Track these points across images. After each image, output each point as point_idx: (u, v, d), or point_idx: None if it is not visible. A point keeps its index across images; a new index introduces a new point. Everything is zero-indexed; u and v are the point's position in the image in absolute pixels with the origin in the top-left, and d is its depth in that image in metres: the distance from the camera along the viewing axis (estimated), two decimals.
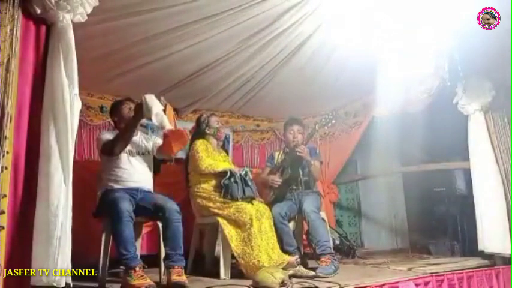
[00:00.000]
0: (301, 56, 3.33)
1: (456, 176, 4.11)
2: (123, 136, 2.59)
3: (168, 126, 2.55)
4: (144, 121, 2.71)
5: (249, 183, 2.96)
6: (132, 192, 2.65)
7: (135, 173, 2.74)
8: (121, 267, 2.49)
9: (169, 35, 2.86)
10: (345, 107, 4.59)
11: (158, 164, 2.93)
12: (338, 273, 2.88)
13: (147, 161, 2.83)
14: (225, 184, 2.93)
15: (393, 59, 3.09)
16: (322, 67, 3.50)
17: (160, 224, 2.66)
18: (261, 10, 2.70)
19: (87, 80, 2.22)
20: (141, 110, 2.47)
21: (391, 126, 4.08)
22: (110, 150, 2.59)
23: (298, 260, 2.89)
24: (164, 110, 2.63)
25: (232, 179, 2.92)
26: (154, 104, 2.46)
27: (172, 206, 2.60)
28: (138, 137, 2.85)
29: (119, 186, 2.66)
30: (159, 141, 2.92)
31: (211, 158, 3.05)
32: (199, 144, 3.09)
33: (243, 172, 3.08)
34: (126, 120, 2.69)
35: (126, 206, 2.43)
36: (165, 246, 2.57)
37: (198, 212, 3.10)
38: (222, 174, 2.97)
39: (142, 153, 2.82)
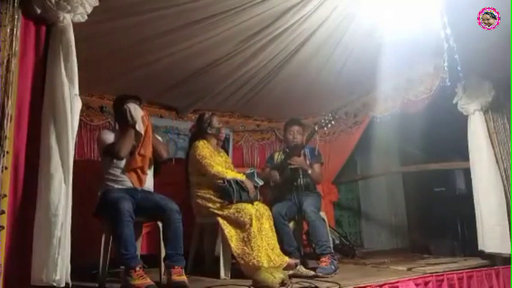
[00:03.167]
0: (301, 56, 3.33)
1: (456, 176, 4.10)
2: (123, 142, 2.64)
3: (140, 129, 2.69)
4: None
5: (247, 187, 2.95)
6: (132, 192, 2.65)
7: None
8: (121, 267, 2.49)
9: (170, 35, 2.86)
10: (345, 107, 4.59)
11: (158, 164, 2.93)
12: (338, 273, 2.88)
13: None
14: (222, 187, 2.93)
15: (393, 56, 3.10)
16: (323, 66, 3.50)
17: (160, 224, 2.66)
18: (262, 10, 2.69)
19: (87, 80, 2.22)
20: (127, 118, 2.66)
21: (391, 126, 4.09)
22: (116, 155, 2.63)
23: (298, 262, 2.89)
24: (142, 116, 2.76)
25: (228, 184, 2.92)
26: (137, 113, 2.68)
27: (172, 206, 2.61)
28: None
29: (119, 186, 2.67)
30: (159, 140, 2.94)
31: (213, 160, 3.05)
32: (202, 147, 3.08)
33: (250, 172, 3.10)
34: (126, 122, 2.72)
35: (126, 206, 2.44)
36: (165, 246, 2.58)
37: (198, 212, 3.10)
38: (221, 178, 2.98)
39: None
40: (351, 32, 2.98)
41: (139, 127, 2.66)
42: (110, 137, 2.72)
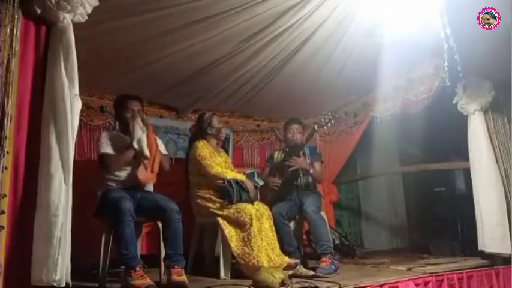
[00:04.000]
0: (301, 56, 3.33)
1: (456, 176, 4.10)
2: (117, 160, 2.67)
3: (147, 154, 2.66)
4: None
5: (247, 187, 2.95)
6: (132, 192, 2.65)
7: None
8: (121, 267, 2.49)
9: (169, 35, 2.86)
10: (345, 106, 4.59)
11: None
12: (338, 273, 2.89)
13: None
14: (222, 187, 2.93)
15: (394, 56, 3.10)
16: (323, 66, 3.50)
17: (160, 224, 2.66)
18: (262, 10, 2.69)
19: (87, 80, 2.22)
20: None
21: (391, 126, 4.09)
22: (106, 169, 2.67)
23: (298, 262, 2.89)
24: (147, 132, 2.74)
25: (228, 184, 2.91)
26: (137, 130, 2.66)
27: (172, 206, 2.61)
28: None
29: (119, 186, 2.66)
30: (159, 142, 2.94)
31: (213, 160, 3.05)
32: (202, 147, 3.07)
33: (250, 171, 3.10)
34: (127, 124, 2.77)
35: (128, 206, 2.44)
36: (165, 246, 2.58)
37: (198, 212, 3.10)
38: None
39: None
40: (351, 31, 2.98)
41: (140, 147, 2.64)
42: (105, 143, 2.71)
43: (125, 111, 2.81)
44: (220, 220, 2.90)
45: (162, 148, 2.96)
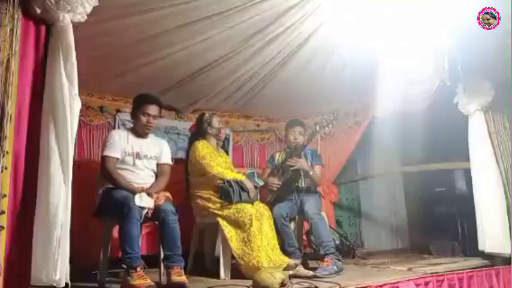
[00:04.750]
0: (301, 56, 3.32)
1: (456, 176, 4.11)
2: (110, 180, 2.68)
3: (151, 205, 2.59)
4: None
5: (247, 187, 2.95)
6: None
7: (138, 174, 2.75)
8: (123, 265, 2.48)
9: (169, 35, 2.86)
10: (345, 106, 4.58)
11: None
12: (340, 274, 2.88)
13: (151, 165, 2.83)
14: (222, 188, 2.93)
15: (393, 58, 3.09)
16: (323, 67, 3.49)
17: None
18: (262, 10, 2.69)
19: (87, 80, 2.22)
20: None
21: (391, 126, 4.08)
22: (105, 172, 2.66)
23: (298, 263, 2.89)
24: None
25: (228, 184, 2.91)
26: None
27: (167, 207, 2.59)
28: (149, 140, 2.87)
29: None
30: (166, 149, 2.94)
31: (213, 160, 3.05)
32: (202, 147, 3.07)
33: (250, 172, 3.10)
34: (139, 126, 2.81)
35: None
36: (162, 247, 2.57)
37: (198, 212, 3.10)
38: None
39: (150, 157, 2.82)
40: (352, 31, 2.98)
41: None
42: (112, 144, 2.71)
43: (140, 113, 2.80)
44: (220, 220, 2.90)
45: (168, 159, 2.95)
